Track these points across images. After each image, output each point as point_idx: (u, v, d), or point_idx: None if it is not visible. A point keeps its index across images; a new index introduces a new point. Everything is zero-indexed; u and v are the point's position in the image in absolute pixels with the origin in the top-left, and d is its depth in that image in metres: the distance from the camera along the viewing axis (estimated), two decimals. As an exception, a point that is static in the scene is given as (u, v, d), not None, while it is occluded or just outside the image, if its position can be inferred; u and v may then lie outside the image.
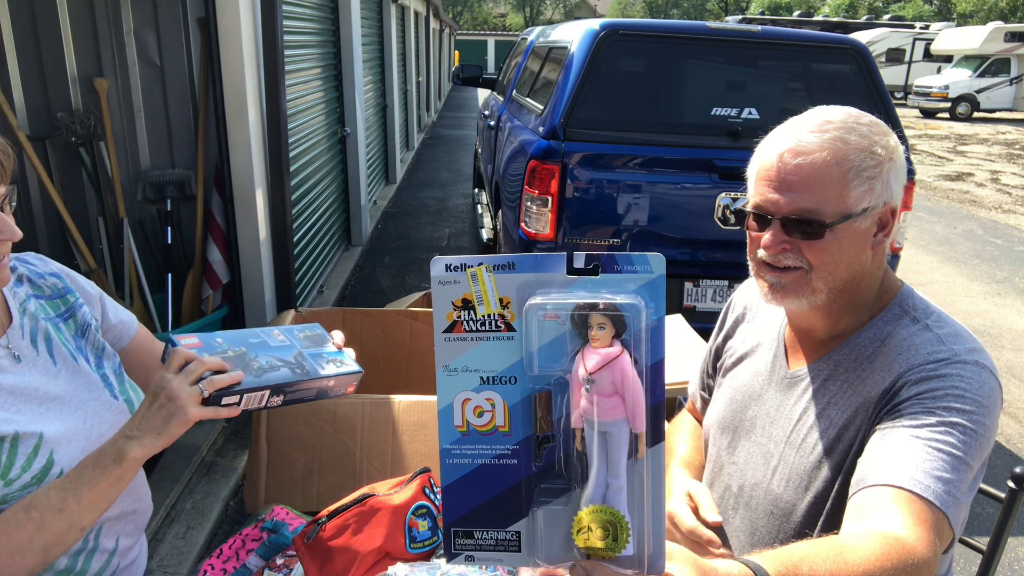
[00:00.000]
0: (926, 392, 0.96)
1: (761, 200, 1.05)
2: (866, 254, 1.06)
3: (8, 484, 0.99)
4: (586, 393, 0.69)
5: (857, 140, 1.01)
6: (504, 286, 0.71)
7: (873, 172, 1.01)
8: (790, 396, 1.15)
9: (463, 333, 0.73)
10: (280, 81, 3.08)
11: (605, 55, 3.31)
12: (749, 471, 1.18)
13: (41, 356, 1.11)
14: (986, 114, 22.12)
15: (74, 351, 1.16)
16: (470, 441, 0.73)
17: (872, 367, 1.05)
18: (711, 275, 3.46)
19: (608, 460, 0.70)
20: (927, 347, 1.02)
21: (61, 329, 1.17)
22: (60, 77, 3.08)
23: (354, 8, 5.65)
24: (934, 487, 0.88)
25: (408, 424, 1.65)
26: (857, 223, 1.02)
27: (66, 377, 1.12)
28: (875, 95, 3.44)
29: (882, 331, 1.08)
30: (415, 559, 1.24)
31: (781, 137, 1.05)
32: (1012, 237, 7.86)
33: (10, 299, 1.11)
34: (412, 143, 11.88)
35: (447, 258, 0.71)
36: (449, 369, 0.73)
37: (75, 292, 1.22)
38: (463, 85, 7.42)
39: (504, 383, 0.73)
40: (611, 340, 0.69)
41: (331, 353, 1.22)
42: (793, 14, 37.82)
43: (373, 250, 6.40)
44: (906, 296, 1.11)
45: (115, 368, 1.23)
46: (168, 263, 3.30)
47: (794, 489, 1.09)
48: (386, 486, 1.32)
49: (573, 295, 0.69)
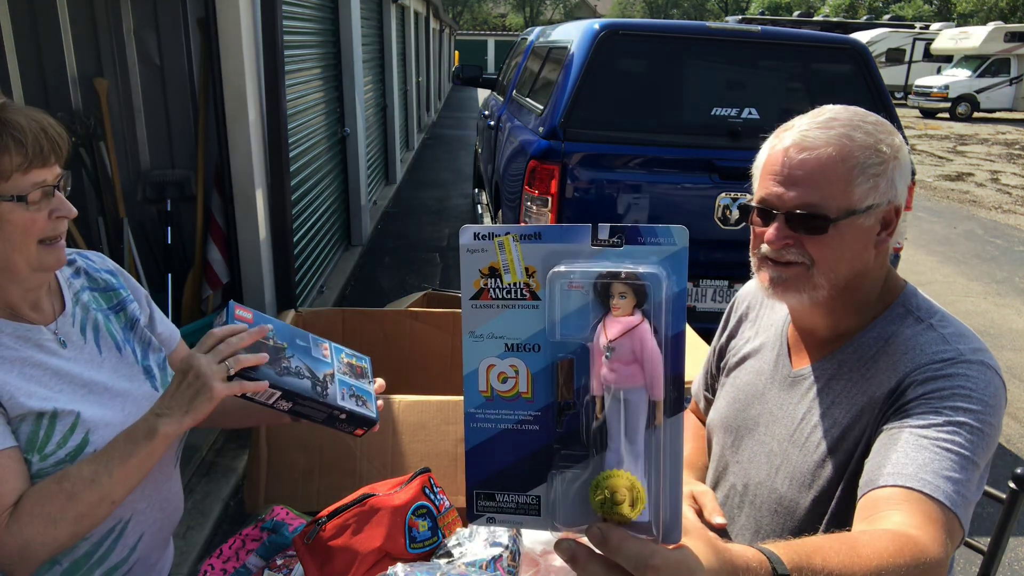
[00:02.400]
0: (932, 392, 0.96)
1: (766, 194, 1.06)
2: (869, 252, 1.06)
3: (43, 459, 1.03)
4: (606, 360, 0.71)
5: (863, 137, 1.01)
6: (530, 255, 0.72)
7: (878, 170, 1.01)
8: (793, 395, 1.15)
9: (489, 300, 0.74)
10: (280, 81, 3.08)
11: (605, 55, 3.31)
12: (753, 470, 1.18)
13: (88, 345, 1.16)
14: (986, 114, 22.12)
15: (121, 342, 1.22)
16: (493, 406, 0.76)
17: (877, 367, 1.05)
18: (711, 275, 3.45)
19: (626, 427, 0.71)
20: (932, 347, 1.02)
21: (111, 320, 1.23)
22: (60, 77, 3.07)
23: (354, 8, 5.65)
24: (944, 487, 0.88)
25: (408, 424, 1.65)
26: (861, 220, 1.02)
27: (109, 367, 1.17)
28: (875, 95, 3.44)
29: (886, 331, 1.08)
30: (415, 559, 1.24)
31: (787, 133, 1.06)
32: (1012, 237, 7.86)
33: (65, 289, 1.18)
34: (412, 143, 11.88)
35: (475, 227, 0.72)
36: (475, 335, 0.75)
37: (126, 288, 1.28)
38: (463, 85, 7.41)
39: (528, 350, 0.74)
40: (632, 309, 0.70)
41: (361, 390, 1.21)
42: (793, 14, 37.82)
43: (373, 250, 6.40)
44: (910, 296, 1.11)
45: (159, 362, 1.28)
46: (168, 263, 3.30)
47: (798, 487, 1.10)
48: (386, 486, 1.32)
49: (598, 265, 0.71)
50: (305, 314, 2.32)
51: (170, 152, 3.36)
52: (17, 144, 0.99)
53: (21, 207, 1.01)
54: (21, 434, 1.02)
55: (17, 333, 1.07)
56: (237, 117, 3.11)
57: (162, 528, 1.25)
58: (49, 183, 1.04)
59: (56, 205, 1.06)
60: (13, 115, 1.00)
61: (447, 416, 1.66)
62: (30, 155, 1.00)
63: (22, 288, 1.07)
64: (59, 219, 1.06)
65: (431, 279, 5.68)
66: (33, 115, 1.02)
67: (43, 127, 1.02)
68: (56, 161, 1.05)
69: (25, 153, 0.99)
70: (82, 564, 1.10)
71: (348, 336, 2.37)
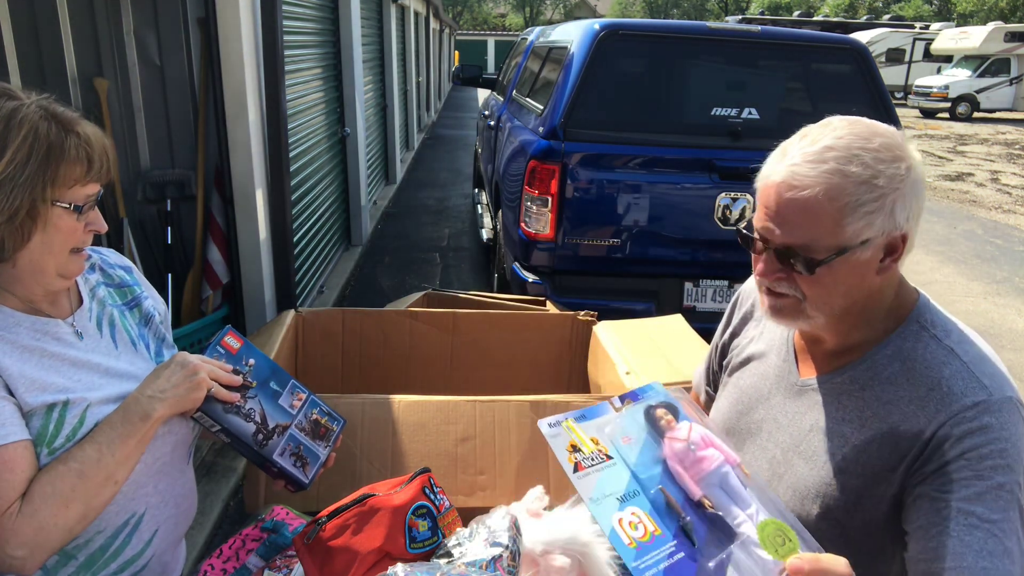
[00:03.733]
0: (971, 450, 0.94)
1: (759, 226, 1.04)
2: (869, 281, 1.02)
3: (52, 453, 1.04)
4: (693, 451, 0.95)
5: (858, 171, 0.95)
6: (586, 431, 0.97)
7: (873, 206, 0.95)
8: (799, 404, 1.13)
9: (585, 470, 0.94)
10: (280, 81, 3.08)
11: (605, 55, 3.31)
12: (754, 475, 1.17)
13: (104, 339, 1.19)
14: (986, 114, 22.12)
15: (136, 338, 1.24)
16: (644, 553, 0.89)
17: (896, 394, 1.02)
18: (711, 275, 3.45)
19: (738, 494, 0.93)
20: (960, 384, 0.98)
21: (126, 316, 1.26)
22: (60, 77, 3.07)
23: (354, 8, 5.65)
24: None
25: (408, 424, 1.65)
26: (855, 255, 0.98)
27: (125, 360, 1.19)
28: (875, 95, 3.44)
29: (901, 349, 1.04)
30: (415, 559, 1.24)
31: (780, 163, 1.01)
32: (1012, 237, 7.86)
33: (82, 284, 1.20)
34: (412, 143, 11.88)
35: (547, 419, 0.96)
36: (594, 500, 0.92)
37: (140, 285, 1.31)
38: (463, 85, 7.42)
39: (633, 497, 0.93)
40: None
41: (311, 451, 1.26)
42: (793, 14, 37.81)
43: (373, 250, 6.40)
44: (923, 310, 1.07)
45: (169, 355, 1.29)
46: (168, 263, 3.30)
47: (801, 500, 1.08)
48: (386, 486, 1.31)
49: (630, 419, 1.00)
50: (305, 314, 2.32)
51: (170, 152, 3.36)
52: (87, 157, 1.05)
53: (73, 216, 1.06)
54: (32, 428, 1.04)
55: (35, 327, 1.09)
56: (237, 117, 3.11)
57: (176, 525, 1.26)
58: (93, 196, 1.10)
59: (92, 219, 1.10)
60: (86, 129, 1.07)
61: (447, 416, 1.66)
62: (94, 170, 1.06)
63: (43, 289, 1.11)
64: (91, 232, 1.11)
65: (431, 279, 5.68)
66: (97, 132, 1.09)
67: (105, 146, 1.09)
68: (106, 179, 1.11)
69: (90, 167, 1.06)
70: (98, 558, 1.11)
71: (348, 336, 2.37)
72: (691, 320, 2.55)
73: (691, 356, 2.23)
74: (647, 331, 2.39)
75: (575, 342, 2.48)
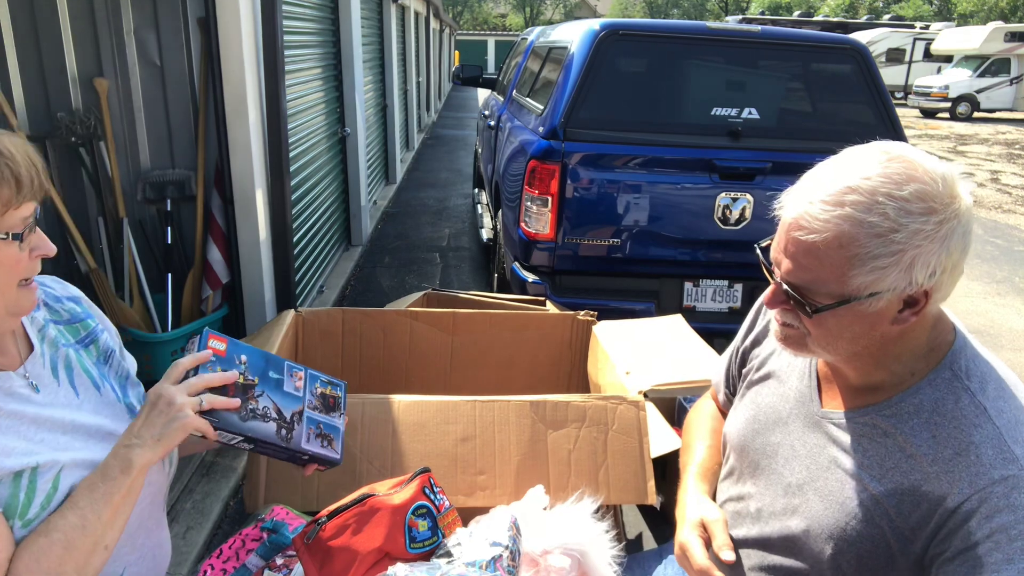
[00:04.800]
0: (999, 532, 0.88)
1: (772, 254, 1.00)
2: (880, 330, 0.94)
3: (26, 525, 0.93)
4: None
5: (875, 222, 0.86)
6: None
7: (886, 262, 0.87)
8: (818, 437, 1.08)
9: None
10: (280, 81, 3.08)
11: (605, 55, 3.31)
12: (767, 498, 1.14)
13: (63, 387, 1.05)
14: (986, 114, 22.12)
15: (98, 379, 1.11)
16: None
17: (920, 449, 0.96)
18: (711, 275, 3.45)
19: None
20: (990, 453, 0.91)
21: (83, 355, 1.11)
22: (60, 77, 3.07)
23: (354, 8, 5.65)
24: None
25: (408, 424, 1.65)
26: (862, 306, 0.91)
27: (89, 408, 1.06)
28: (875, 95, 3.44)
29: (930, 399, 0.97)
30: (415, 559, 1.24)
31: (800, 195, 0.94)
32: (1012, 237, 7.86)
33: (28, 325, 1.04)
34: (412, 143, 11.88)
35: None
36: None
37: (94, 317, 1.17)
38: (463, 85, 7.42)
39: None
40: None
41: (330, 427, 1.20)
42: (793, 14, 37.80)
43: (373, 250, 6.40)
44: (957, 355, 0.98)
45: (140, 397, 1.19)
46: (168, 263, 3.30)
47: (814, 537, 1.04)
48: (386, 486, 1.31)
49: None
50: (305, 314, 2.32)
51: (170, 152, 3.36)
52: (14, 176, 0.89)
53: (13, 246, 0.91)
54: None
55: None
56: (237, 117, 3.11)
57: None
58: (30, 218, 0.95)
59: (36, 243, 0.96)
60: (5, 143, 0.91)
61: (447, 416, 1.66)
62: (24, 189, 0.91)
63: None
64: (37, 257, 0.97)
65: (431, 279, 5.68)
66: (19, 144, 0.93)
67: (31, 158, 0.93)
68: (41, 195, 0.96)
69: (19, 187, 0.90)
70: None
71: (348, 336, 2.37)
72: (691, 320, 2.55)
73: (691, 356, 2.23)
74: (647, 331, 2.39)
75: (575, 342, 2.48)
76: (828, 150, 1.02)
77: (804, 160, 3.28)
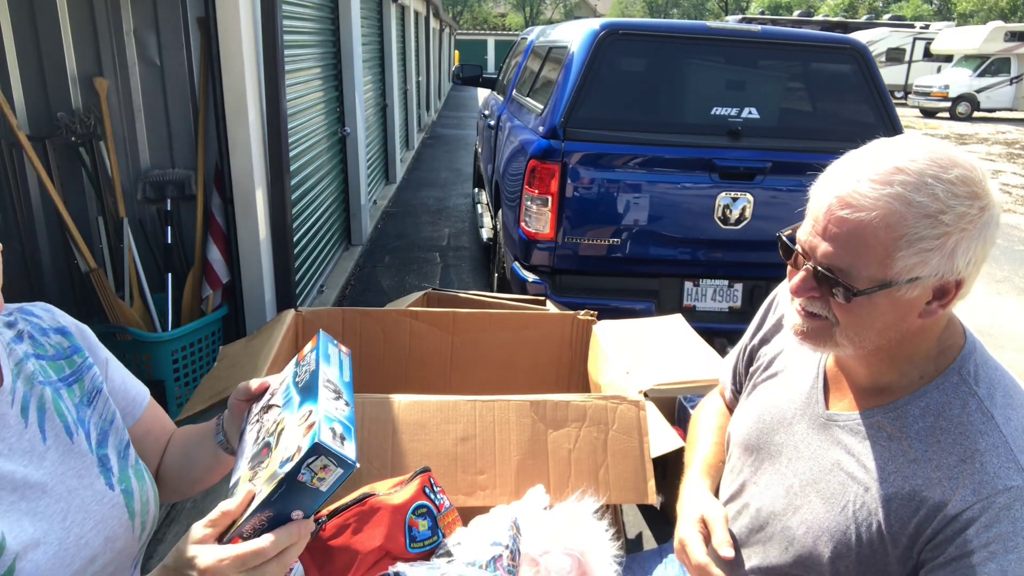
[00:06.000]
0: (996, 541, 0.87)
1: (803, 238, 0.97)
2: (908, 322, 0.93)
3: None
4: None
5: (925, 202, 0.86)
6: None
7: (932, 244, 0.86)
8: (823, 439, 1.07)
9: None
10: (280, 81, 3.08)
11: (605, 55, 3.31)
12: (768, 498, 1.13)
13: (29, 430, 0.91)
14: (986, 114, 22.11)
15: (73, 424, 0.96)
16: None
17: (924, 453, 0.95)
18: (711, 275, 3.46)
19: None
20: (995, 462, 0.90)
21: (63, 396, 0.97)
22: (60, 77, 3.07)
23: (354, 8, 5.64)
24: None
25: (408, 424, 1.65)
26: (899, 292, 0.90)
27: (54, 458, 0.91)
28: (875, 95, 3.44)
29: (936, 403, 0.96)
30: (415, 559, 1.24)
31: (842, 175, 0.92)
32: (1012, 237, 7.86)
33: (4, 358, 0.92)
34: (412, 143, 11.88)
35: None
36: None
37: (84, 351, 1.02)
38: (463, 85, 7.42)
39: None
40: None
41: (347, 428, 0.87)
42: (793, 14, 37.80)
43: (373, 250, 6.40)
44: (966, 359, 0.97)
45: (120, 446, 1.01)
46: (168, 263, 3.30)
47: (814, 538, 1.04)
48: (386, 486, 1.32)
49: None
50: (305, 314, 2.33)
51: (170, 152, 3.36)
52: None
53: None
54: None
55: None
56: (237, 117, 3.11)
57: None
58: None
59: None
60: None
61: (447, 416, 1.66)
62: None
63: None
64: None
65: (431, 279, 5.68)
66: None
67: None
68: None
69: None
70: None
71: (348, 336, 2.37)
72: (691, 320, 2.55)
73: (691, 356, 2.23)
74: (647, 331, 2.39)
75: (575, 342, 2.48)
76: (828, 150, 1.01)
77: (804, 160, 3.33)
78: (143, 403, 1.11)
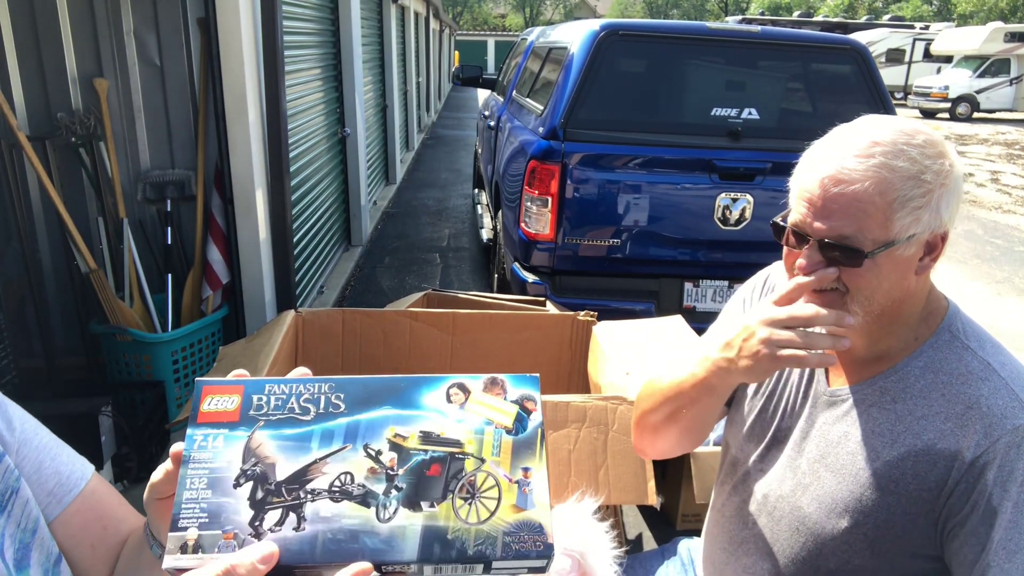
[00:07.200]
0: (1010, 478, 0.92)
1: (799, 220, 1.01)
2: (909, 279, 1.00)
3: None
4: None
5: (905, 166, 0.94)
6: None
7: (920, 202, 0.95)
8: (828, 415, 1.10)
9: None
10: (280, 81, 3.08)
11: (605, 55, 3.31)
12: (775, 482, 1.14)
13: None
14: (986, 114, 22.12)
15: None
16: None
17: (930, 408, 1.00)
18: (711, 275, 3.45)
19: None
20: (1000, 404, 0.96)
21: None
22: (60, 77, 3.07)
23: (354, 8, 5.65)
24: None
25: (408, 424, 1.65)
26: (900, 251, 0.97)
27: None
28: (875, 95, 3.44)
29: (933, 360, 1.02)
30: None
31: (824, 158, 0.99)
32: (1012, 237, 7.86)
33: None
34: (412, 143, 11.88)
35: None
36: None
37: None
38: (463, 85, 7.42)
39: None
40: None
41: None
42: (793, 14, 37.82)
43: (373, 250, 6.40)
44: (954, 318, 1.05)
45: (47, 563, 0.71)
46: (168, 263, 3.30)
47: (827, 513, 1.05)
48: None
49: None
50: (305, 314, 2.32)
51: (170, 152, 3.35)
52: None
53: None
54: None
55: None
56: (237, 117, 3.11)
57: None
58: None
59: None
60: None
61: (447, 416, 1.66)
62: None
63: None
64: None
65: (431, 279, 5.68)
66: None
67: None
68: None
69: None
70: None
71: (348, 336, 2.37)
72: (691, 320, 2.55)
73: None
74: (647, 331, 2.39)
75: (575, 342, 2.48)
76: None
77: (804, 160, 3.32)
78: (78, 483, 0.75)
